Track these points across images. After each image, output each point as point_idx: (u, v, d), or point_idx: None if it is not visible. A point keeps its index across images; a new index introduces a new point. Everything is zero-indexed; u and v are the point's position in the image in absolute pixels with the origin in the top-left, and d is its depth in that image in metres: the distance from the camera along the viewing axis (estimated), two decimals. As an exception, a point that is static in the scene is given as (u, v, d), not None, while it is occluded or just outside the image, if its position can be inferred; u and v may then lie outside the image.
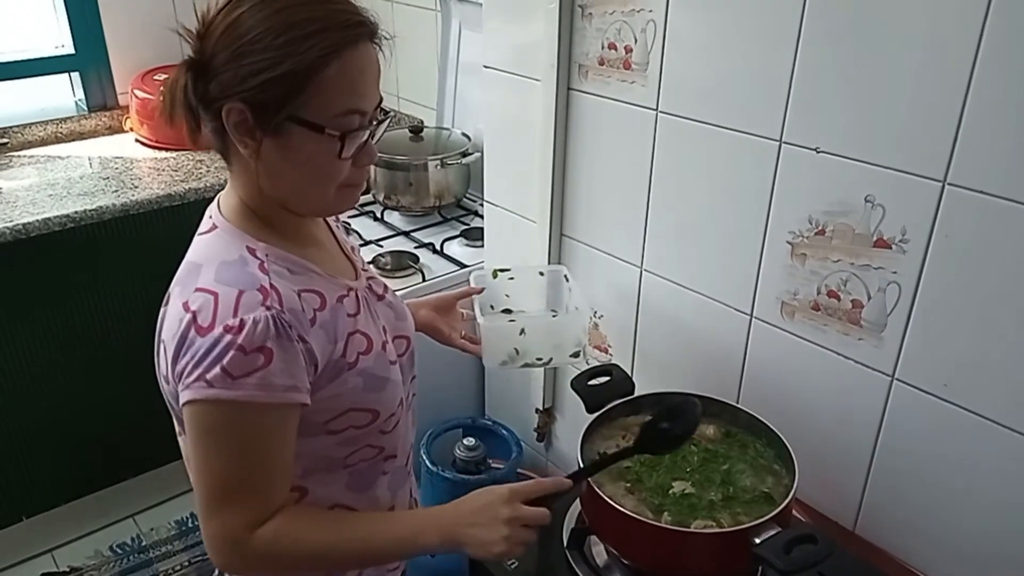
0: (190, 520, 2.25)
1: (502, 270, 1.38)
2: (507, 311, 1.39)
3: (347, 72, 0.78)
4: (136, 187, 1.99)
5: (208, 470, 0.80)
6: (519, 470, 1.73)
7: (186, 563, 2.11)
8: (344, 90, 0.79)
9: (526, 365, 1.25)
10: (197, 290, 0.80)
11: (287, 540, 0.81)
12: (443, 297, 1.26)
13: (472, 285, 1.31)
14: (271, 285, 0.79)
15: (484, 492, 0.87)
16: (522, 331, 1.22)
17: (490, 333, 1.21)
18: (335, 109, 0.79)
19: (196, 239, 0.88)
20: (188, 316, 0.78)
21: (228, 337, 0.76)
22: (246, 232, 0.84)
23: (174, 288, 0.85)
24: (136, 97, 2.29)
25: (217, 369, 0.76)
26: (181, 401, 0.80)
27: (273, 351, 0.77)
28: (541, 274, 1.43)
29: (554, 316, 1.36)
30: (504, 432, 1.73)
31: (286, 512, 0.82)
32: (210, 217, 0.88)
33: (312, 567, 0.88)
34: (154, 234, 1.99)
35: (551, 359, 1.25)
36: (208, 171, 2.09)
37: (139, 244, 1.99)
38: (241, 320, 0.76)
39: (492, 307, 1.36)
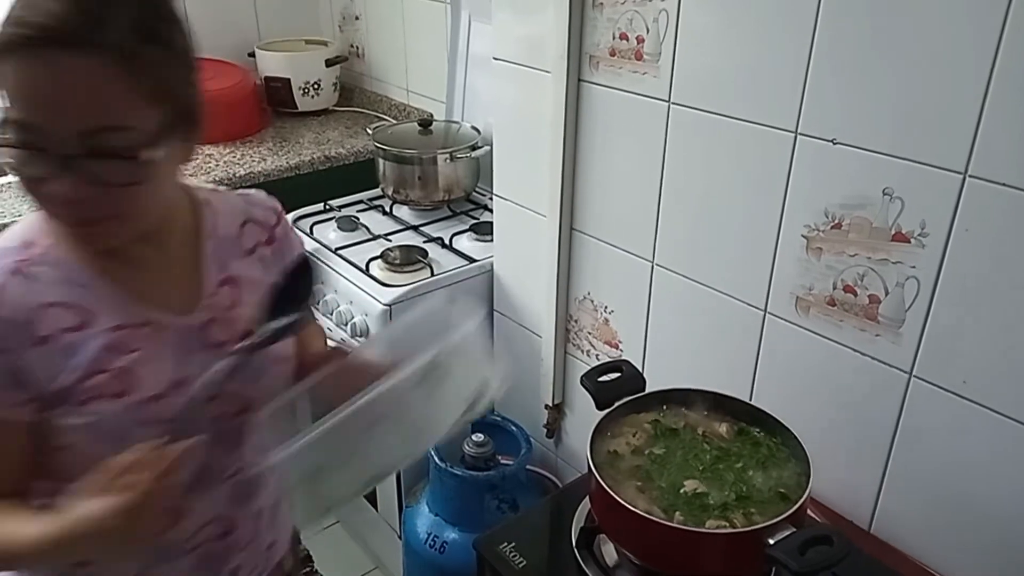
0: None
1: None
2: None
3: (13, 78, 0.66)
4: (145, 181, 1.99)
5: None
6: (528, 466, 1.71)
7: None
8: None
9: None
10: None
11: None
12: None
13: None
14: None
15: (90, 518, 0.69)
16: None
17: None
18: None
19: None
20: None
21: None
22: (52, 228, 0.76)
23: None
24: (145, 91, 2.28)
25: None
26: None
27: None
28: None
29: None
30: (513, 428, 1.71)
31: None
32: None
33: None
34: (163, 228, 1.98)
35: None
36: (217, 165, 2.08)
37: (148, 238, 1.98)
38: None
39: None
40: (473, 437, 1.63)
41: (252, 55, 2.47)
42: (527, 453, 1.65)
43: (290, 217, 1.92)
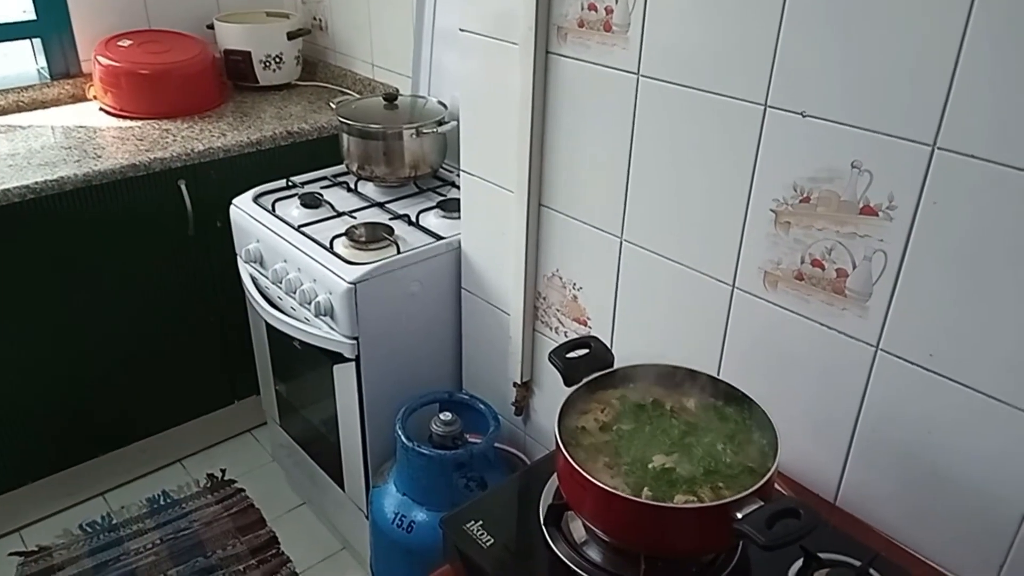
0: (162, 498, 2.21)
1: None
2: None
3: None
4: (99, 156, 1.92)
5: None
6: (497, 445, 1.70)
7: (158, 541, 2.08)
8: None
9: None
10: None
11: None
12: None
13: None
14: None
15: None
16: None
17: None
18: None
19: None
20: None
21: None
22: None
23: None
24: (99, 64, 2.20)
25: None
26: None
27: None
28: None
29: None
30: (481, 406, 1.70)
31: None
32: None
33: None
34: (117, 205, 1.93)
35: None
36: (175, 140, 2.02)
37: (102, 216, 1.92)
38: None
39: None
40: (441, 416, 1.61)
41: (211, 27, 2.40)
42: (495, 431, 1.64)
43: (251, 194, 1.90)
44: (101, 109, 2.24)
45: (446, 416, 1.61)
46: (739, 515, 0.85)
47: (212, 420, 2.34)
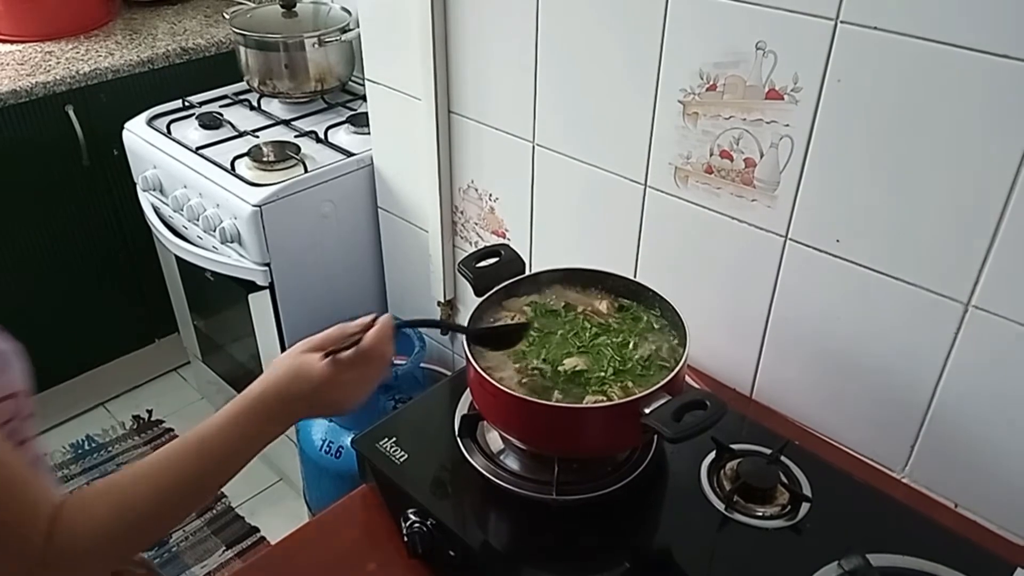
0: (86, 443, 2.14)
1: None
2: None
3: None
4: (-25, 84, 1.76)
5: None
6: (425, 365, 1.67)
7: (85, 485, 2.01)
8: None
9: None
10: None
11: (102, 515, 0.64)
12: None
13: None
14: None
15: (298, 366, 0.76)
16: None
17: None
18: None
19: None
20: None
21: None
22: None
23: None
24: (-32, -18, 2.00)
25: None
26: None
27: None
28: None
29: None
30: (406, 328, 1.66)
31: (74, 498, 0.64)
32: None
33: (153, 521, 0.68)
34: (3, 136, 1.78)
35: None
36: (58, 63, 1.86)
37: (-14, 149, 1.78)
38: None
39: None
40: (363, 339, 1.57)
41: (91, -63, 2.20)
42: (421, 351, 1.61)
43: (144, 116, 1.77)
44: (-23, 34, 2.05)
45: (368, 339, 1.57)
46: (647, 410, 0.83)
47: (134, 360, 2.26)
